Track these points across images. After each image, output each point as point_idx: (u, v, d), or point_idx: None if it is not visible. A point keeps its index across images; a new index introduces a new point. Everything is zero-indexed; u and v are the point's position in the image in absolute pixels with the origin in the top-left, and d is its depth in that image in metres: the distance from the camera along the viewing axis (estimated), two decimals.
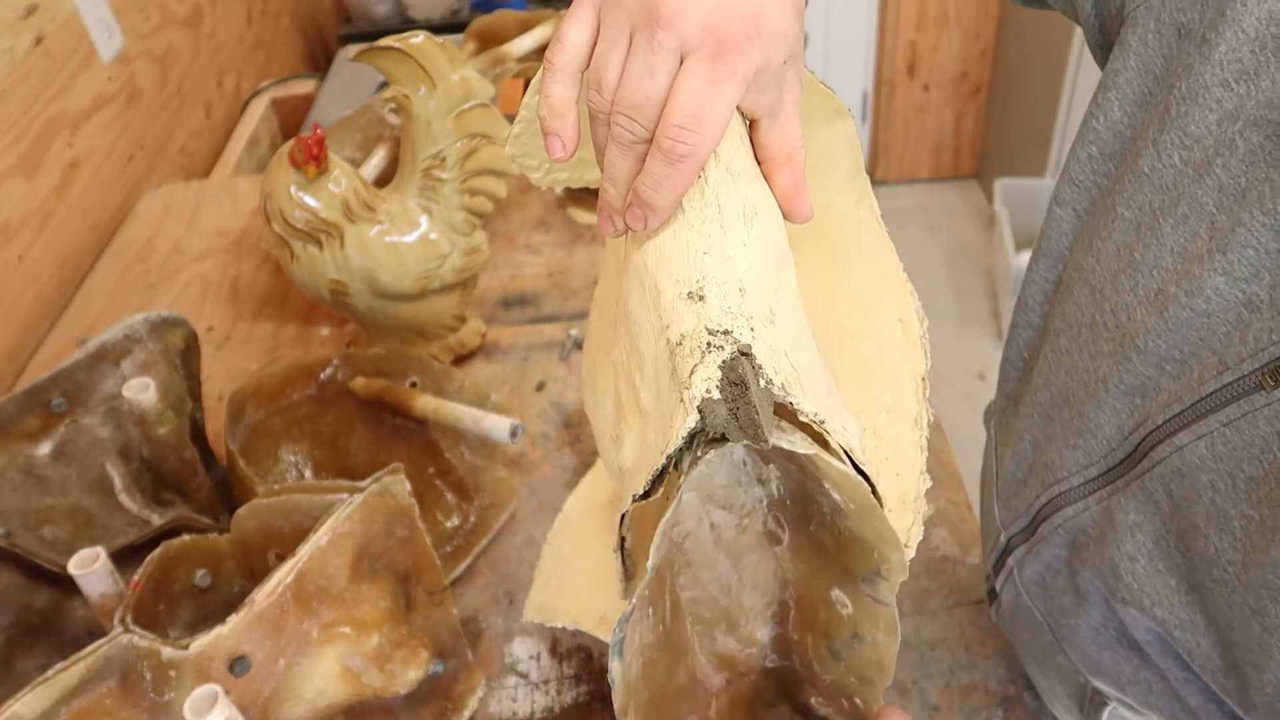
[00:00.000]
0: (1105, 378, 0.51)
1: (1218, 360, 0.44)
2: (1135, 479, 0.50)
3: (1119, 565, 0.51)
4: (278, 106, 1.56)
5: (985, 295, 2.51)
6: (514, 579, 0.74)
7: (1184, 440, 0.46)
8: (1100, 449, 0.53)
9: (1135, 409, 0.50)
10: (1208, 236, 0.45)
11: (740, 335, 0.37)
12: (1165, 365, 0.47)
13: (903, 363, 0.50)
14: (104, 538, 0.66)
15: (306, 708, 0.56)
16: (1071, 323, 0.54)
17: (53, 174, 1.09)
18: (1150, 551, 0.50)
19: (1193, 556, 0.46)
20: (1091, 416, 0.52)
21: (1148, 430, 0.49)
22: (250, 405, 0.79)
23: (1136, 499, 0.50)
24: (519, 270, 1.06)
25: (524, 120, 0.51)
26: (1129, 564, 0.51)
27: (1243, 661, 0.45)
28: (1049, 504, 0.58)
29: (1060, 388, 0.56)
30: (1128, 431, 0.50)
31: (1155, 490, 0.48)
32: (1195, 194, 0.45)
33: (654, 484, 0.36)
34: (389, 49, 0.79)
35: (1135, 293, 0.49)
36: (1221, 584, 0.45)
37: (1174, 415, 0.47)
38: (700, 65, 0.38)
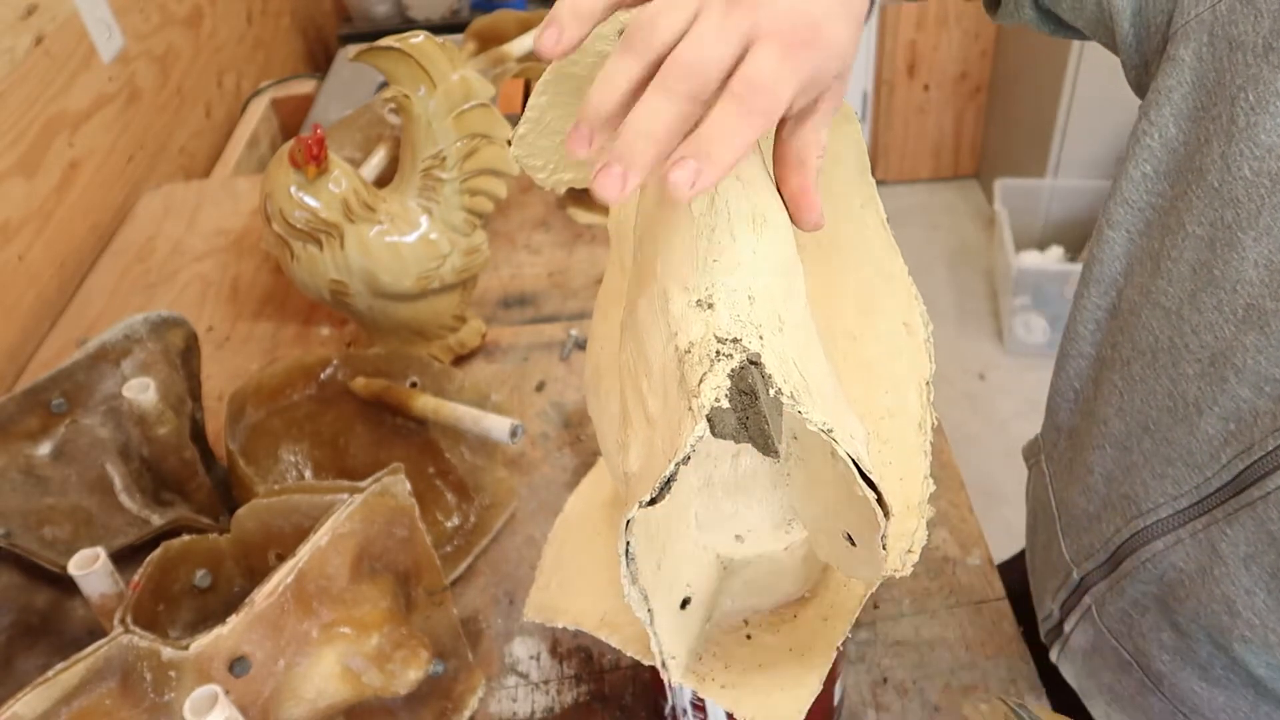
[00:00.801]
0: (1196, 401, 0.49)
1: None
2: (1243, 508, 0.48)
3: (1235, 601, 0.49)
4: (278, 106, 1.56)
5: (985, 295, 2.52)
6: (514, 579, 0.74)
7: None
8: (1193, 478, 0.50)
9: (1232, 434, 0.48)
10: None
11: (749, 344, 0.37)
12: (1265, 386, 0.45)
13: (907, 366, 0.50)
14: (104, 538, 0.66)
15: (306, 708, 0.56)
16: (1144, 348, 0.52)
17: (53, 174, 1.09)
18: (1268, 584, 0.47)
19: None
20: (1181, 443, 0.50)
21: (1254, 457, 0.47)
22: (250, 405, 0.79)
23: (1247, 530, 0.48)
24: (519, 270, 1.06)
25: (529, 120, 0.51)
26: (1247, 598, 0.48)
27: None
28: (1133, 538, 0.55)
29: (1138, 417, 0.54)
30: (1227, 459, 0.48)
31: (1270, 519, 0.46)
32: (1275, 204, 0.44)
33: (661, 490, 0.36)
34: (389, 49, 0.79)
35: (1220, 310, 0.47)
36: None
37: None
38: (772, 49, 0.37)
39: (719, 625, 0.53)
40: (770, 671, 0.52)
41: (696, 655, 0.52)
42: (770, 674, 0.52)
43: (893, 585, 0.71)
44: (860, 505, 0.37)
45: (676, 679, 0.48)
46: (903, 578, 0.46)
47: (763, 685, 0.51)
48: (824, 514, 0.41)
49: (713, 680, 0.52)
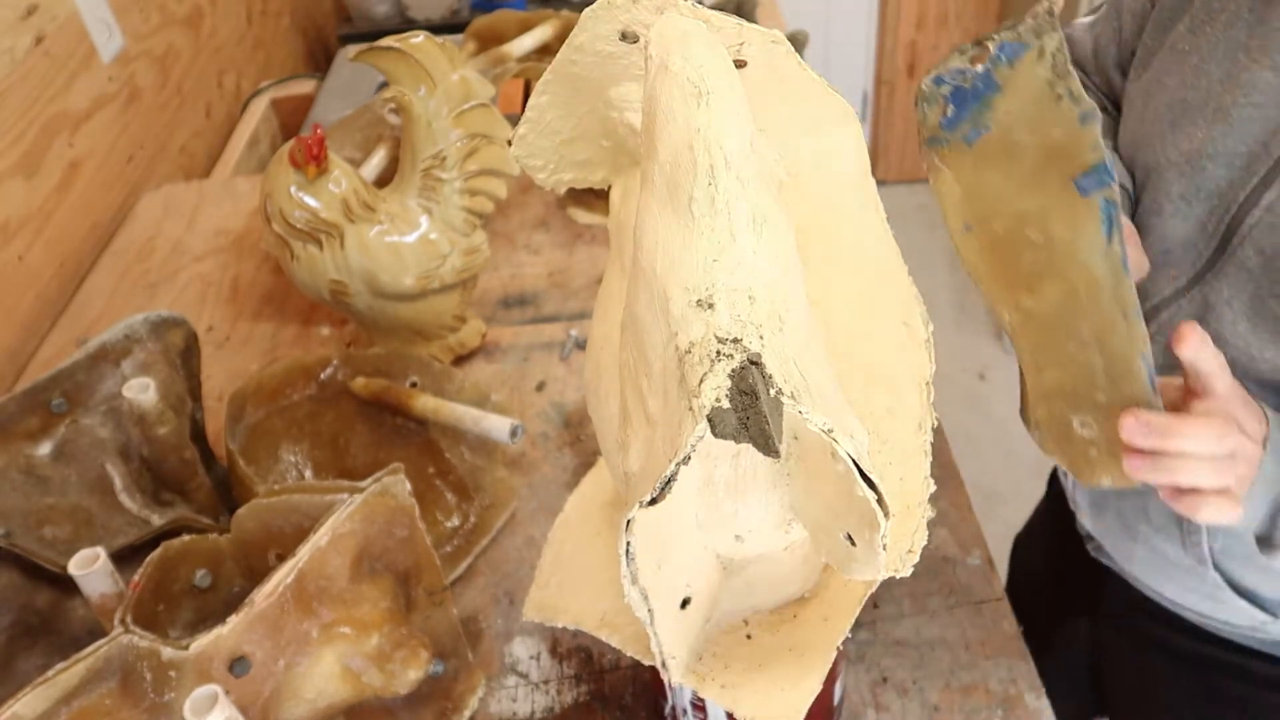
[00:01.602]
0: (1182, 195, 0.64)
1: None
2: (1228, 260, 0.62)
3: (1223, 334, 0.62)
4: (278, 106, 1.56)
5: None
6: (514, 579, 0.74)
7: (1270, 198, 0.59)
8: (1189, 257, 0.65)
9: (1214, 209, 0.62)
10: (1245, 56, 0.60)
11: (750, 344, 0.37)
12: (1235, 160, 0.61)
13: (907, 367, 0.50)
14: (104, 538, 0.66)
15: (306, 708, 0.56)
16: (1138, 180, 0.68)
17: (53, 174, 1.09)
18: (1247, 313, 0.61)
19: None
20: (1177, 234, 0.65)
21: (1230, 215, 0.61)
22: (250, 405, 0.79)
23: (1230, 276, 0.62)
24: (519, 270, 1.06)
25: (529, 121, 0.51)
26: (1232, 328, 0.62)
27: None
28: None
29: (1139, 227, 0.67)
30: (1213, 227, 0.63)
31: (1246, 258, 0.61)
32: (1230, 36, 0.61)
33: (662, 490, 0.36)
34: (389, 49, 0.79)
35: (1195, 122, 0.63)
36: None
37: (1255, 186, 0.59)
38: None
39: (719, 625, 0.53)
40: (770, 671, 0.52)
41: (696, 655, 0.52)
42: (770, 674, 0.52)
43: (893, 585, 0.71)
44: (860, 505, 0.37)
45: (676, 679, 0.48)
46: (903, 578, 0.46)
47: (763, 685, 0.51)
48: (824, 514, 0.41)
49: (713, 680, 0.52)
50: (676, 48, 0.40)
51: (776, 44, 0.44)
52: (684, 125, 0.39)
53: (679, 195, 0.40)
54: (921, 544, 0.46)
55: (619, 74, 0.49)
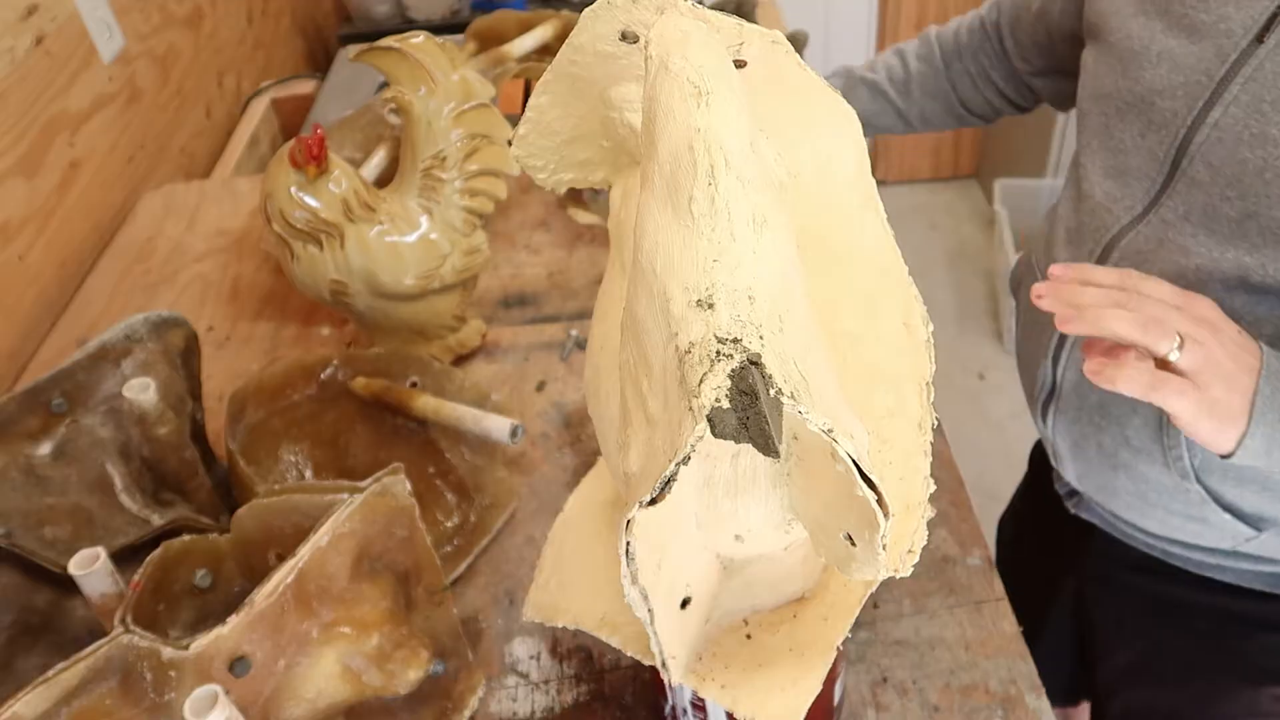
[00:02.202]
0: (1139, 131, 0.69)
1: (1219, 56, 0.63)
2: (1179, 179, 0.67)
3: (1186, 246, 0.67)
4: (278, 106, 1.56)
5: (985, 295, 2.52)
6: (514, 579, 0.74)
7: (1215, 116, 0.64)
8: (1143, 185, 0.70)
9: (1164, 138, 0.67)
10: (1181, 8, 0.66)
11: (749, 344, 0.37)
12: (1178, 90, 0.66)
13: (907, 367, 0.50)
14: (104, 538, 0.66)
15: (307, 708, 0.56)
16: (1095, 129, 0.74)
17: (53, 174, 1.09)
18: (1203, 220, 0.66)
19: (1243, 187, 0.63)
20: (1132, 168, 0.70)
21: (1181, 137, 0.66)
22: (250, 405, 0.79)
23: (1180, 194, 0.67)
24: (519, 270, 1.06)
25: (529, 121, 0.51)
26: (1193, 240, 0.66)
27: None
28: (1103, 251, 0.72)
29: (1099, 170, 0.73)
30: (1163, 154, 0.67)
31: (1196, 174, 0.66)
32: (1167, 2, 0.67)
33: (661, 490, 0.36)
34: (389, 49, 0.79)
35: (1141, 67, 0.69)
36: (1276, 181, 0.61)
37: (1200, 109, 0.64)
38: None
39: (719, 625, 0.53)
40: (770, 671, 0.52)
41: (696, 655, 0.52)
42: (770, 674, 0.52)
43: (893, 585, 0.71)
44: (860, 505, 0.37)
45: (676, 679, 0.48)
46: (903, 578, 0.46)
47: (763, 685, 0.51)
48: (824, 514, 0.41)
49: (713, 680, 0.52)
50: (676, 48, 0.40)
51: (776, 44, 0.44)
52: (684, 125, 0.39)
53: (679, 195, 0.40)
54: (921, 544, 0.46)
55: (619, 74, 0.49)
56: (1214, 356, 0.56)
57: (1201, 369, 0.55)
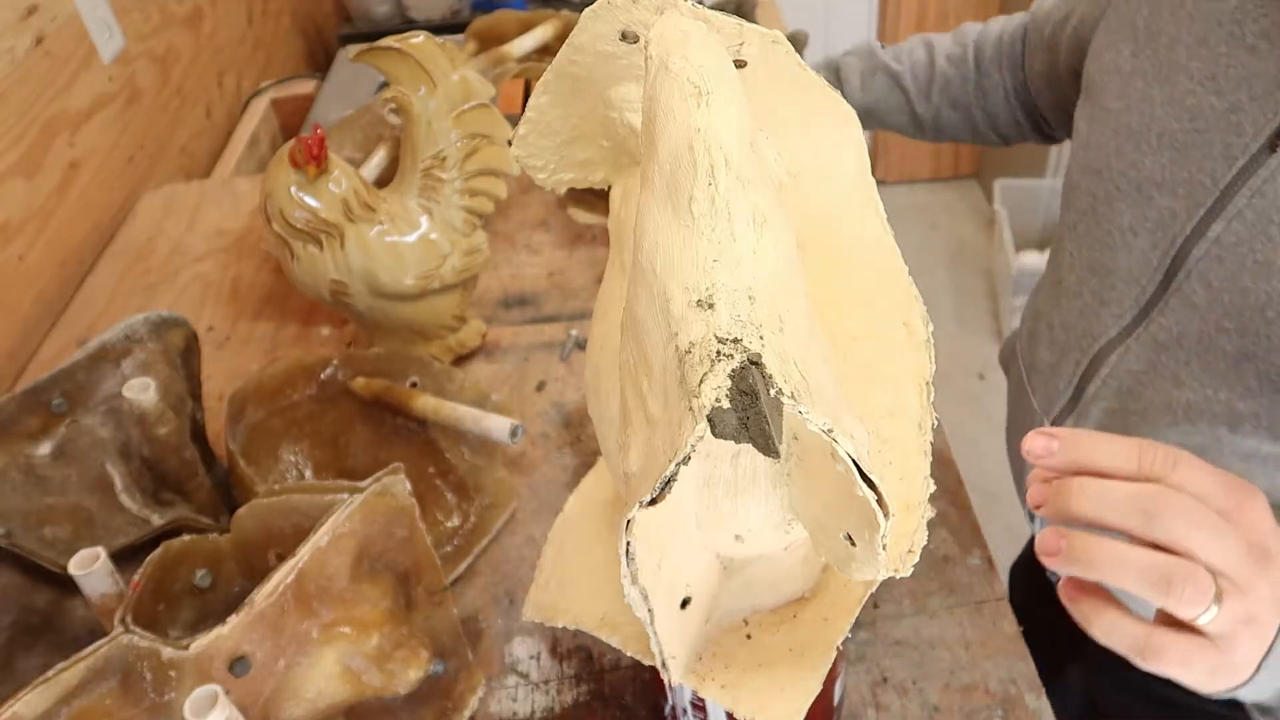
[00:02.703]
0: (1130, 226, 0.61)
1: (1226, 157, 0.55)
2: (1173, 294, 0.59)
3: (1180, 375, 0.59)
4: (278, 106, 1.56)
5: (985, 295, 2.51)
6: (514, 579, 0.74)
7: (1218, 230, 0.55)
8: (1132, 292, 0.61)
9: (1159, 241, 0.59)
10: (1187, 79, 0.57)
11: (750, 344, 0.37)
12: (1179, 189, 0.57)
13: (907, 366, 0.50)
14: (104, 538, 0.66)
15: (307, 708, 0.56)
16: (1084, 209, 0.65)
17: (53, 174, 1.09)
18: (1198, 350, 0.57)
19: (1243, 321, 0.55)
20: (1122, 268, 0.62)
21: (1176, 248, 0.58)
22: (250, 405, 0.79)
23: (1175, 311, 0.59)
24: (519, 270, 1.06)
25: (529, 121, 0.51)
26: (1186, 369, 0.58)
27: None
28: (1090, 364, 0.65)
29: (1085, 264, 0.65)
30: (1157, 261, 0.59)
31: (1193, 291, 0.57)
32: (1172, 59, 0.59)
33: (661, 490, 0.36)
34: (389, 49, 0.79)
35: (1139, 149, 0.60)
36: (1275, 322, 0.53)
37: (1201, 217, 0.56)
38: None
39: (719, 625, 0.53)
40: (770, 671, 0.52)
41: (696, 655, 0.52)
42: (770, 674, 0.52)
43: (893, 585, 0.71)
44: (860, 505, 0.37)
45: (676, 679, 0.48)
46: (903, 578, 0.46)
47: (763, 685, 0.51)
48: (824, 514, 0.41)
49: (713, 680, 0.52)
50: (676, 48, 0.40)
51: (776, 44, 0.44)
52: (684, 125, 0.39)
53: (679, 195, 0.40)
54: (921, 544, 0.46)
55: (619, 74, 0.49)
56: (1255, 610, 0.39)
57: (1235, 631, 0.39)
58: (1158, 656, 0.39)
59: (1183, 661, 0.39)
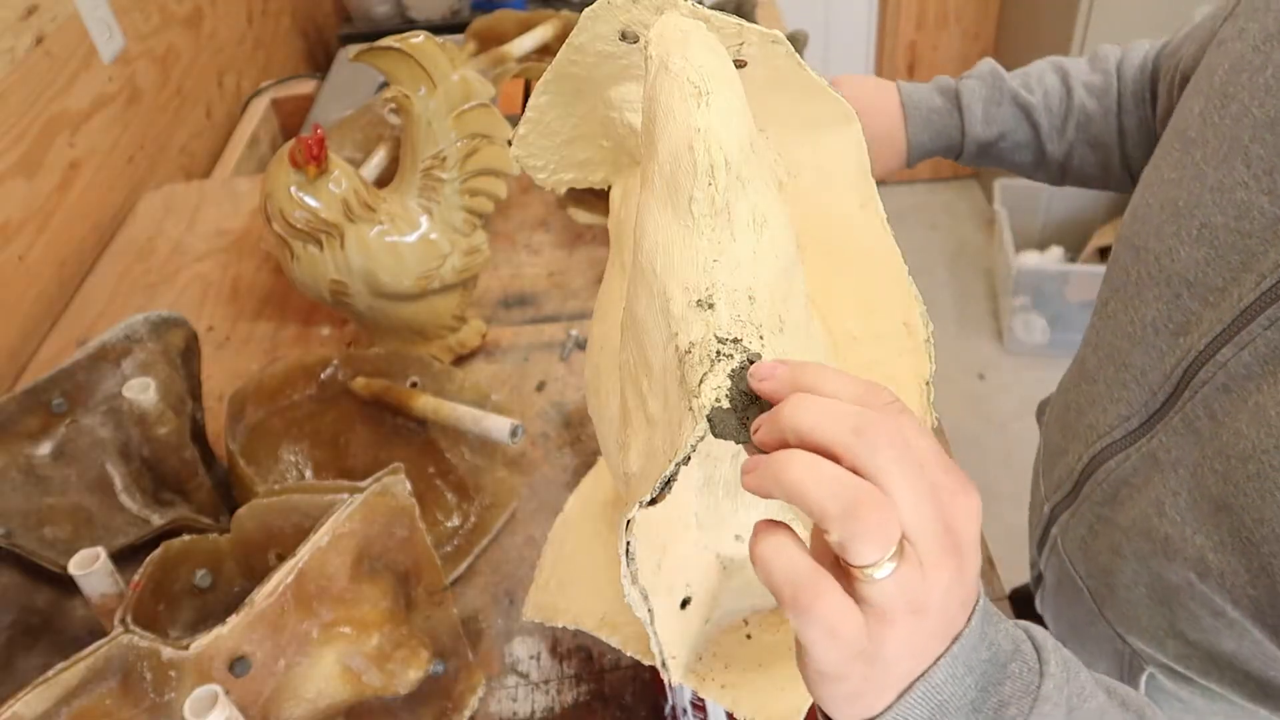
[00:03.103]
0: (1153, 322, 0.54)
1: (1256, 274, 0.48)
2: (1177, 412, 0.53)
3: (1164, 502, 0.53)
4: (278, 106, 1.56)
5: (985, 295, 2.51)
6: (514, 579, 0.74)
7: (1227, 355, 0.49)
8: (1142, 396, 0.55)
9: (1178, 346, 0.52)
10: (1245, 167, 0.49)
11: (750, 344, 0.37)
12: (1209, 295, 0.50)
13: (907, 367, 0.50)
14: (104, 538, 0.66)
15: (307, 708, 0.56)
16: (1118, 286, 0.58)
17: (53, 174, 1.09)
18: (1189, 482, 0.51)
19: (1229, 465, 0.48)
20: (1137, 365, 0.56)
21: (1189, 360, 0.51)
22: (250, 405, 0.79)
23: (1178, 433, 0.53)
24: (519, 270, 1.06)
25: (529, 121, 0.51)
26: (1173, 499, 0.52)
27: (1271, 555, 0.46)
28: (1091, 462, 0.59)
29: (1106, 349, 0.59)
30: (1170, 369, 0.53)
31: (1196, 417, 0.51)
32: (1235, 135, 0.50)
33: (661, 490, 0.36)
34: (389, 49, 0.79)
35: (1179, 235, 0.52)
36: (1256, 479, 0.46)
37: (1216, 336, 0.50)
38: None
39: (719, 625, 0.53)
40: (770, 671, 0.52)
41: (696, 655, 0.52)
42: (770, 674, 0.52)
43: None
44: None
45: (676, 679, 0.48)
46: None
47: (763, 685, 0.51)
48: None
49: (713, 680, 0.52)
50: (676, 48, 0.40)
51: (776, 44, 0.44)
52: (684, 125, 0.39)
53: (679, 195, 0.40)
54: None
55: (619, 74, 0.49)
56: (925, 600, 0.33)
57: (897, 612, 0.32)
58: (811, 606, 0.32)
59: (831, 629, 0.32)
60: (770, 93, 0.47)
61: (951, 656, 0.34)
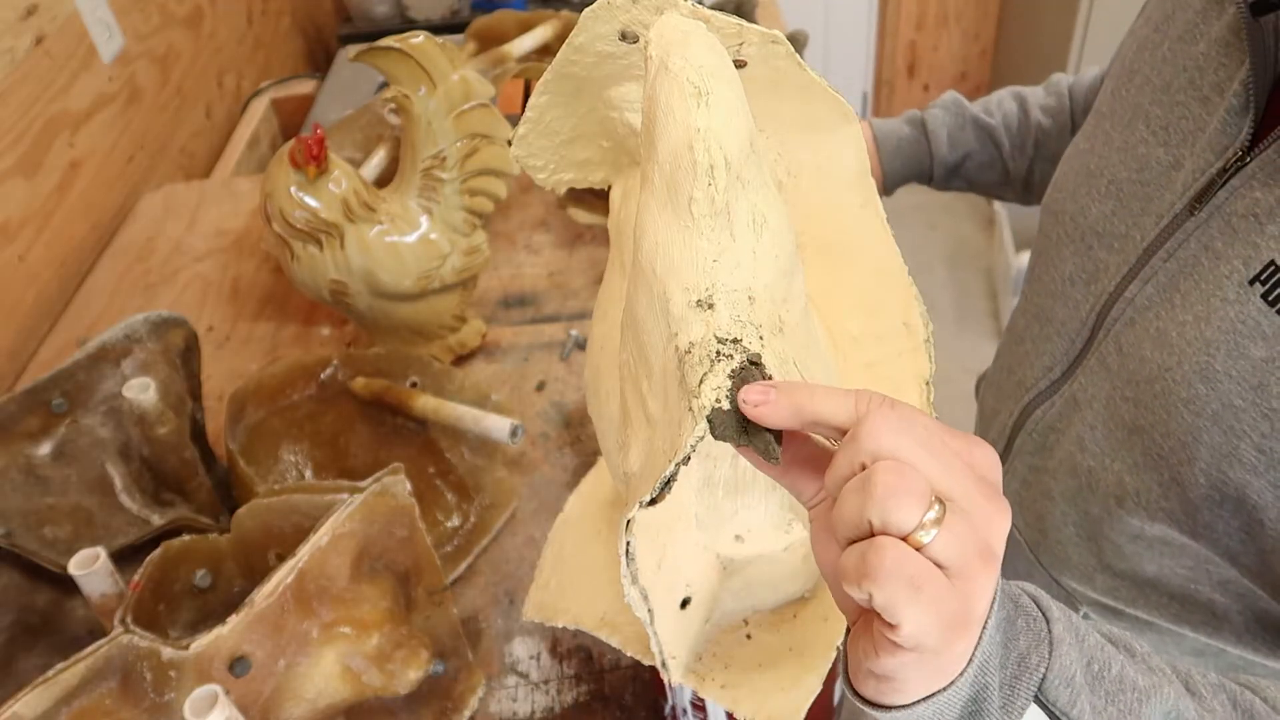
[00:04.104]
0: (1070, 276, 0.59)
1: (1154, 216, 0.53)
2: (1093, 354, 0.57)
3: (1084, 438, 0.57)
4: (278, 106, 1.56)
5: (985, 295, 2.52)
6: (514, 579, 0.74)
7: (1133, 292, 0.54)
8: (1063, 345, 0.60)
9: (1090, 293, 0.57)
10: (1145, 125, 0.55)
11: (749, 344, 0.37)
12: (1115, 243, 0.56)
13: (907, 366, 0.50)
14: (104, 538, 0.66)
15: (307, 708, 0.56)
16: (1041, 250, 0.63)
17: (53, 174, 1.09)
18: (1104, 414, 0.56)
19: (1138, 390, 0.53)
20: (1057, 317, 0.60)
21: (1101, 303, 0.56)
22: (250, 405, 0.79)
23: (1093, 372, 0.57)
24: (519, 270, 1.06)
25: (529, 121, 0.51)
26: (1091, 433, 0.57)
27: (1179, 464, 0.50)
28: (1020, 415, 0.64)
29: (1033, 310, 0.64)
30: (1085, 315, 0.58)
31: (1108, 354, 0.56)
32: (1137, 101, 0.57)
33: (661, 490, 0.36)
34: (389, 49, 0.79)
35: (1090, 195, 0.58)
36: (1162, 396, 0.51)
37: (1123, 276, 0.54)
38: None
39: (719, 625, 0.53)
40: (770, 671, 0.52)
41: (696, 655, 0.52)
42: (770, 674, 0.52)
43: None
44: None
45: (676, 679, 0.48)
46: None
47: (763, 685, 0.51)
48: None
49: (713, 680, 0.52)
50: (676, 48, 0.40)
51: (776, 44, 0.44)
52: (684, 125, 0.39)
53: (679, 195, 0.40)
54: None
55: (619, 74, 0.49)
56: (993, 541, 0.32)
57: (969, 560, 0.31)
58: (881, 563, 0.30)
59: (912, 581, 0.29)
60: (770, 93, 0.47)
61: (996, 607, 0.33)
